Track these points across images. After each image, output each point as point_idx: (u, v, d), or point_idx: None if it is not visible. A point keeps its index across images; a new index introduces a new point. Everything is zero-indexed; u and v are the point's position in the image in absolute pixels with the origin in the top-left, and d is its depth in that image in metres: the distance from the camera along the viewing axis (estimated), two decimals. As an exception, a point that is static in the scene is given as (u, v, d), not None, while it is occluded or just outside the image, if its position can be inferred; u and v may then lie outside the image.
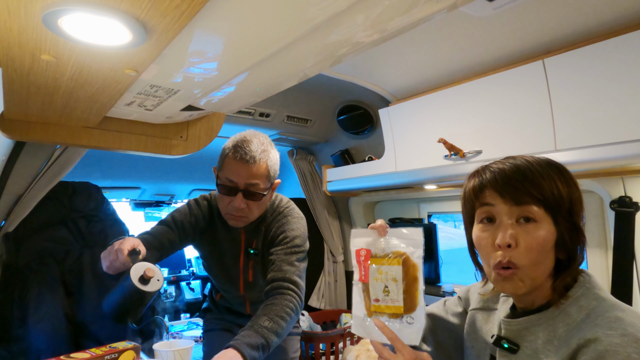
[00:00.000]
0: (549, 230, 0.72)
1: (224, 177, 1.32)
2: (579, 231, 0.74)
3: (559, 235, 0.73)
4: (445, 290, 2.33)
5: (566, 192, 0.74)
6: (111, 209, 2.06)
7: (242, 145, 1.29)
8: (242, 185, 1.30)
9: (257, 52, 0.92)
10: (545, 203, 0.72)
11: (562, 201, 0.73)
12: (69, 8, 0.66)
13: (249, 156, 1.28)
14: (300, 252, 1.39)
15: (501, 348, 0.78)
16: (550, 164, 0.76)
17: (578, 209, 0.75)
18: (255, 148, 1.30)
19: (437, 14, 0.82)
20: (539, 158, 0.78)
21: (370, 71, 1.94)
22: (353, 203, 2.85)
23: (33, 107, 1.22)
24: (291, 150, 2.82)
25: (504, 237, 0.72)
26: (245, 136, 1.33)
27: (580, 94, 1.40)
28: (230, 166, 1.30)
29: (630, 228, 1.50)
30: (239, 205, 1.30)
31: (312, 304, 2.83)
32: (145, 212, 3.10)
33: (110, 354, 1.11)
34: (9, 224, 1.71)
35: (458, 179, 1.80)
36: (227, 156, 1.31)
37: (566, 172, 0.77)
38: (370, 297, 0.87)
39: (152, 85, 1.11)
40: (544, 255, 0.73)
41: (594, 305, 0.71)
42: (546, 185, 0.72)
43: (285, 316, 1.23)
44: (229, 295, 1.61)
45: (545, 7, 1.33)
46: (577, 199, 0.75)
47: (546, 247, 0.72)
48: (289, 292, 1.28)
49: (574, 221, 0.74)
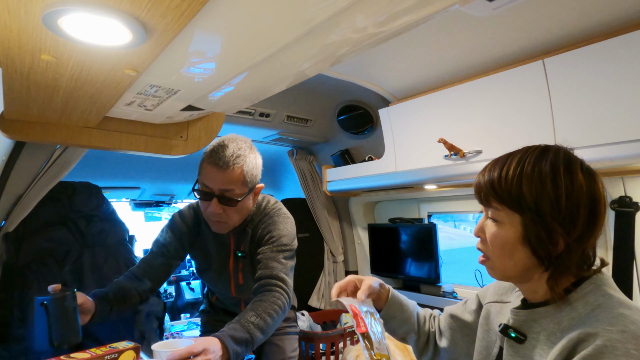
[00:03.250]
0: (511, 229, 0.77)
1: (201, 181, 1.32)
2: (550, 231, 0.73)
3: (524, 235, 0.76)
4: (445, 290, 2.33)
5: (531, 192, 0.74)
6: (111, 209, 2.06)
7: (218, 150, 1.28)
8: (216, 190, 1.29)
9: (257, 52, 0.92)
10: (508, 205, 0.78)
11: (525, 201, 0.75)
12: (69, 8, 0.66)
13: (222, 162, 1.27)
14: (287, 250, 1.39)
15: (508, 337, 0.81)
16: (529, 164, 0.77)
17: (548, 207, 0.73)
18: (230, 153, 1.28)
19: (437, 14, 0.82)
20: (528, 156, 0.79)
21: (370, 71, 1.94)
22: (353, 203, 2.85)
23: (33, 107, 1.22)
24: (291, 150, 2.82)
25: (475, 228, 0.87)
26: (223, 140, 1.32)
27: (580, 94, 1.40)
28: (206, 171, 1.30)
29: (630, 228, 1.50)
30: (215, 210, 1.30)
31: (312, 304, 2.83)
32: (145, 212, 3.11)
33: (110, 354, 1.11)
34: (9, 224, 1.71)
35: (458, 179, 1.80)
36: (204, 160, 1.31)
37: (545, 171, 0.75)
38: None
39: (152, 85, 1.11)
40: (506, 251, 0.79)
41: (601, 301, 0.71)
42: (505, 188, 0.78)
43: (272, 313, 1.23)
44: (223, 297, 1.63)
45: (545, 7, 1.33)
46: (547, 198, 0.73)
47: (507, 244, 0.78)
48: (276, 289, 1.29)
49: (544, 221, 0.73)
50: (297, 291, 2.82)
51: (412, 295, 2.44)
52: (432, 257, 2.37)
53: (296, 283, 1.60)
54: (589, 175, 0.76)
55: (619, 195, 1.53)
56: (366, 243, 2.84)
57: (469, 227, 21.08)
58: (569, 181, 0.73)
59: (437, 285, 2.36)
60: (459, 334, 1.03)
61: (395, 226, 2.65)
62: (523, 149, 0.83)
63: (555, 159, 0.76)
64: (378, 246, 2.74)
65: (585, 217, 0.73)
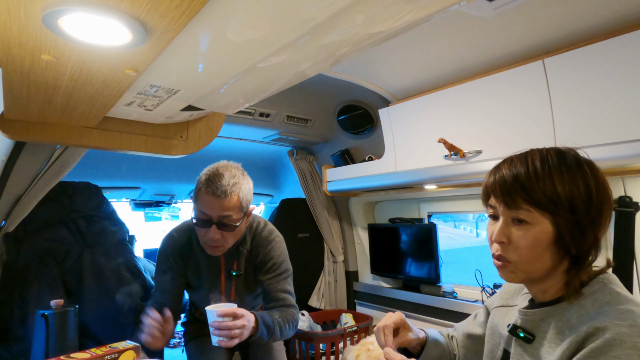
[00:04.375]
0: (542, 231, 0.75)
1: (199, 210, 1.38)
2: (583, 229, 0.74)
3: (558, 234, 0.75)
4: (445, 290, 2.33)
5: (565, 191, 0.74)
6: (111, 209, 2.06)
7: (214, 179, 1.36)
8: (215, 217, 1.37)
9: (257, 52, 0.92)
10: (538, 205, 0.75)
11: (560, 201, 0.74)
12: (69, 8, 0.66)
13: (220, 191, 1.34)
14: (288, 274, 1.57)
15: (517, 337, 0.82)
16: (555, 163, 0.77)
17: (582, 205, 0.74)
18: (226, 182, 1.36)
19: (437, 14, 0.82)
20: (549, 154, 0.79)
21: (370, 71, 1.94)
22: (353, 203, 2.85)
23: (33, 107, 1.22)
24: (291, 150, 2.82)
25: (497, 234, 0.80)
26: (217, 169, 1.40)
27: (580, 94, 1.40)
28: (204, 200, 1.36)
29: (630, 228, 1.50)
30: (214, 236, 1.38)
31: (312, 304, 2.83)
32: (145, 212, 3.10)
33: (110, 354, 1.11)
34: (9, 224, 1.71)
35: (458, 179, 1.80)
36: (200, 190, 1.38)
37: (573, 168, 0.76)
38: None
39: (152, 85, 1.11)
40: (536, 253, 0.77)
41: (609, 298, 0.72)
42: (539, 188, 0.75)
43: (289, 323, 1.46)
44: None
45: (545, 7, 1.33)
46: (580, 196, 0.74)
47: (538, 246, 0.76)
48: (291, 308, 1.51)
49: (577, 219, 0.74)
50: (297, 291, 2.83)
51: (412, 296, 2.44)
52: (432, 257, 2.37)
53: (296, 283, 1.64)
54: (603, 177, 0.78)
55: (619, 195, 1.53)
56: (366, 243, 2.85)
57: (469, 227, 21.08)
58: (595, 178, 0.75)
59: (437, 285, 2.36)
60: (474, 351, 1.04)
61: (395, 226, 2.65)
62: (534, 149, 0.82)
63: (577, 157, 0.78)
64: (378, 246, 2.75)
65: (608, 211, 0.76)
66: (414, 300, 2.42)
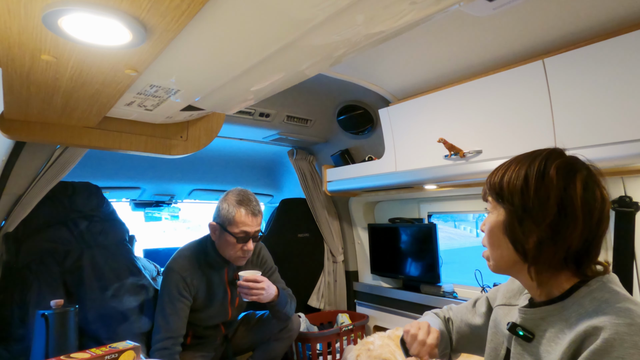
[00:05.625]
0: (497, 219, 0.83)
1: (239, 229, 1.70)
2: (521, 219, 0.78)
3: (506, 222, 0.81)
4: (445, 290, 2.33)
5: (508, 180, 0.81)
6: (111, 209, 2.06)
7: (248, 202, 1.73)
8: (252, 232, 1.73)
9: (257, 52, 0.92)
10: (491, 193, 0.85)
11: (501, 190, 0.81)
12: (69, 8, 0.66)
13: (257, 210, 1.74)
14: (276, 269, 2.01)
15: (516, 335, 0.83)
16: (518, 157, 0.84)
17: (518, 195, 0.78)
18: (256, 202, 1.75)
19: (437, 14, 0.82)
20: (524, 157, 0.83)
21: (370, 71, 1.94)
22: (353, 203, 2.85)
23: (33, 107, 1.22)
24: (291, 150, 2.82)
25: (481, 224, 0.90)
26: (245, 193, 1.76)
27: (580, 94, 1.40)
28: (244, 220, 1.70)
29: (630, 228, 1.50)
30: (251, 247, 1.74)
31: (312, 304, 2.82)
32: (145, 212, 3.10)
33: (110, 354, 1.12)
34: (9, 224, 1.71)
35: (458, 179, 1.80)
36: (238, 212, 1.70)
37: (523, 160, 0.81)
38: None
39: (152, 85, 1.11)
40: (494, 240, 0.84)
41: (607, 297, 0.73)
42: (493, 179, 0.85)
43: (294, 300, 1.94)
44: (207, 327, 1.88)
45: (546, 7, 1.33)
46: (516, 186, 0.79)
47: (494, 233, 0.84)
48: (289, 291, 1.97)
49: (517, 211, 0.78)
50: (297, 291, 2.82)
51: (412, 295, 2.44)
52: (432, 257, 2.37)
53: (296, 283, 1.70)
54: (567, 175, 0.76)
55: (618, 195, 1.53)
56: (366, 243, 2.85)
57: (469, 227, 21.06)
58: (539, 176, 0.77)
59: (437, 285, 2.36)
60: (469, 339, 1.06)
61: (395, 226, 2.65)
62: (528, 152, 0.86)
63: (541, 157, 0.80)
64: (378, 246, 2.75)
65: (555, 212, 0.74)
66: (414, 300, 2.42)
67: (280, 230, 2.80)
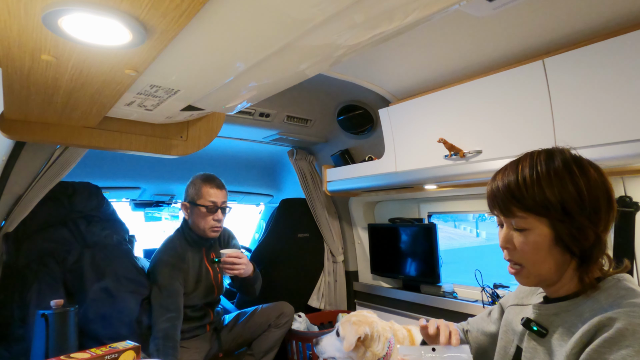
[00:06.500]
0: (541, 234, 0.79)
1: (206, 200, 1.91)
2: (580, 227, 0.76)
3: (556, 236, 0.78)
4: (445, 290, 2.33)
5: (554, 194, 0.77)
6: (111, 209, 2.06)
7: (213, 177, 1.97)
8: (219, 203, 1.94)
9: (256, 52, 0.92)
10: (531, 211, 0.79)
11: (551, 204, 0.77)
12: (69, 8, 0.66)
13: (221, 184, 1.98)
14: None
15: (530, 331, 0.84)
16: (543, 169, 0.80)
17: (574, 205, 0.76)
18: (220, 180, 2.00)
19: (437, 14, 0.82)
20: (538, 160, 0.81)
21: (370, 71, 1.94)
22: (353, 203, 2.85)
23: (33, 107, 1.22)
24: (291, 150, 2.82)
25: (501, 241, 0.86)
26: (209, 174, 2.00)
27: (580, 94, 1.40)
28: (210, 192, 1.92)
29: (630, 228, 1.50)
30: (221, 217, 1.94)
31: (312, 304, 2.82)
32: (145, 212, 3.10)
33: (110, 354, 1.11)
34: (9, 224, 1.71)
35: (458, 179, 1.80)
36: (204, 186, 1.92)
37: (560, 171, 0.78)
38: None
39: (152, 85, 1.11)
40: (540, 256, 0.80)
41: (623, 293, 0.74)
42: (529, 196, 0.79)
43: (260, 278, 2.11)
44: (195, 313, 1.98)
45: (546, 7, 1.33)
46: (570, 197, 0.76)
47: (540, 249, 0.79)
48: None
49: (573, 219, 0.76)
50: (297, 291, 2.82)
51: (412, 295, 2.44)
52: (432, 257, 2.37)
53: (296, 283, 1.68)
54: (597, 168, 0.80)
55: (619, 195, 1.53)
56: (366, 243, 2.85)
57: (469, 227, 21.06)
58: (585, 177, 0.77)
59: (437, 285, 2.36)
60: (486, 347, 1.07)
61: (395, 226, 2.65)
62: (527, 154, 0.85)
63: (565, 159, 0.80)
64: (378, 246, 2.75)
65: (606, 207, 0.77)
66: (414, 300, 2.42)
67: (280, 230, 2.80)
